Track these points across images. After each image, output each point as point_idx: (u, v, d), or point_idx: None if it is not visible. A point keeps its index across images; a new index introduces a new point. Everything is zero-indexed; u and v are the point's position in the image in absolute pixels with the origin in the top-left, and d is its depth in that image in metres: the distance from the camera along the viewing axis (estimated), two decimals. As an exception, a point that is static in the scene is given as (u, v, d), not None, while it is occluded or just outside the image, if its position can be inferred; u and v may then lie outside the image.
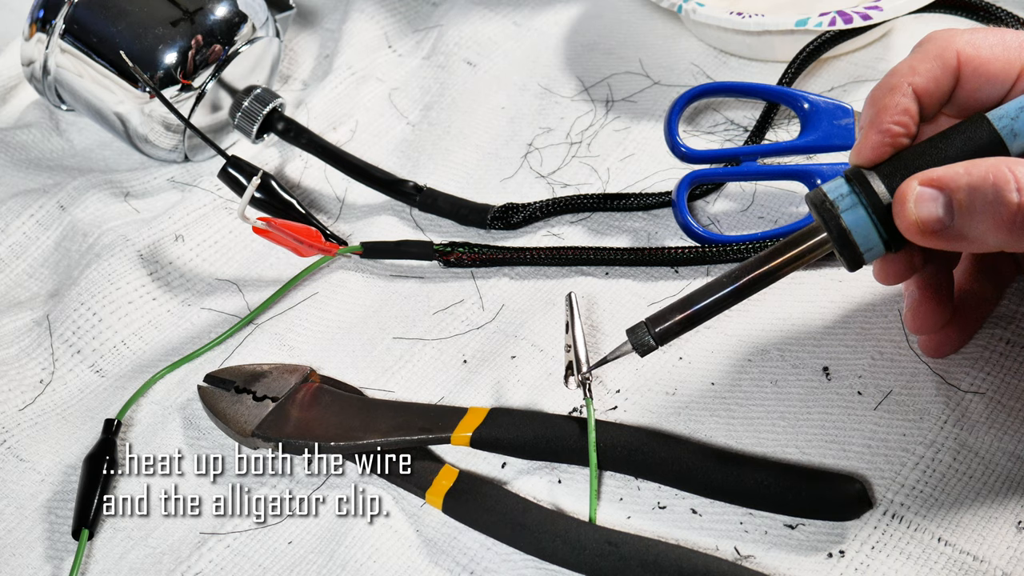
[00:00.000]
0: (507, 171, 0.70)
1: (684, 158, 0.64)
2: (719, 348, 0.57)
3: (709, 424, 0.55)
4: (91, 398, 0.62)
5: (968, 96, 0.49)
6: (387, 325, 0.63)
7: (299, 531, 0.54)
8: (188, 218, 0.69)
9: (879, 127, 0.47)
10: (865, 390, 0.54)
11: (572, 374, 0.54)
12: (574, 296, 0.55)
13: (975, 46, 0.48)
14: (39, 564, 0.55)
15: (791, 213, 0.64)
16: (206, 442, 0.59)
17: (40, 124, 0.77)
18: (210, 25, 0.69)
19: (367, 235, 0.67)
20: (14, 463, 0.60)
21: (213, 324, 0.65)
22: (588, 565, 0.50)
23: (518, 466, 0.55)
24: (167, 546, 0.55)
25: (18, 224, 0.70)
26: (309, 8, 0.84)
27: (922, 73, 0.48)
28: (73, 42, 0.69)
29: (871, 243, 0.47)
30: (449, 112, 0.74)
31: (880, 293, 0.58)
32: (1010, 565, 0.48)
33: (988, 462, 0.51)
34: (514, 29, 0.78)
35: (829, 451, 0.52)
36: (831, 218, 0.47)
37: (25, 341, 0.65)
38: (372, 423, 0.56)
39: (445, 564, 0.52)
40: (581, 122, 0.71)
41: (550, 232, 0.66)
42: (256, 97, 0.71)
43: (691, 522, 0.52)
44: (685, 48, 0.74)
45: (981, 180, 0.44)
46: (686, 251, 0.62)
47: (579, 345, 0.54)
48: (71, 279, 0.67)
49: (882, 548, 0.49)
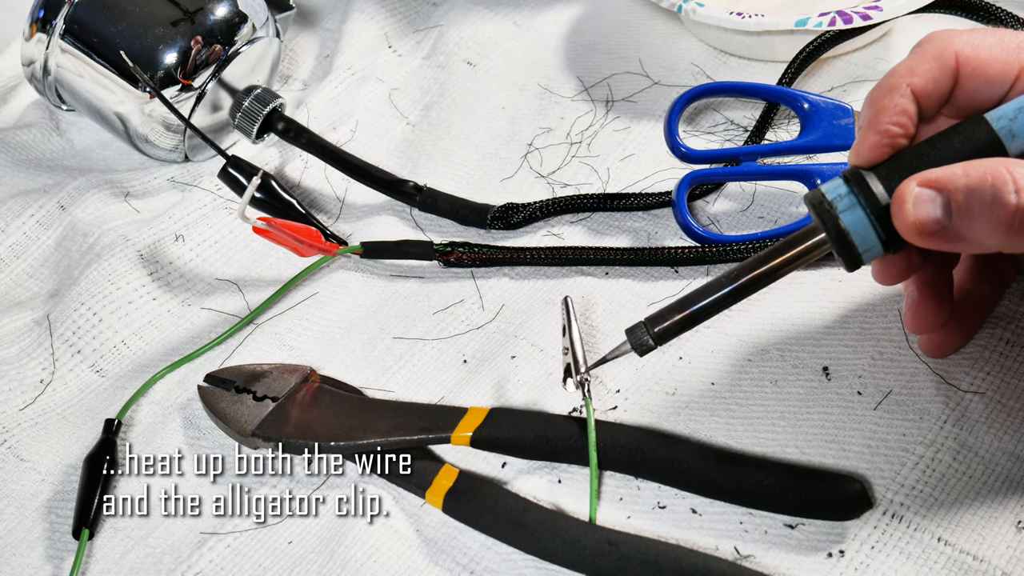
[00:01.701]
0: (507, 171, 0.70)
1: (684, 158, 0.64)
2: (719, 348, 0.57)
3: (709, 424, 0.55)
4: (91, 398, 0.62)
5: (967, 97, 0.49)
6: (387, 325, 0.63)
7: (299, 531, 0.54)
8: (188, 218, 0.69)
9: (877, 128, 0.47)
10: (865, 390, 0.54)
11: (570, 375, 0.54)
12: (570, 300, 0.55)
13: (974, 47, 0.48)
14: (39, 564, 0.55)
15: (791, 213, 0.64)
16: (206, 442, 0.59)
17: (40, 124, 0.77)
18: (210, 25, 0.69)
19: (367, 235, 0.67)
20: (14, 463, 0.60)
21: (213, 324, 0.65)
22: (588, 565, 0.50)
23: (518, 466, 0.55)
24: (167, 546, 0.55)
25: (18, 224, 0.70)
26: (309, 8, 0.84)
27: (921, 74, 0.48)
28: (73, 42, 0.69)
29: (869, 244, 0.47)
30: (449, 112, 0.74)
31: (880, 293, 0.58)
32: (1010, 565, 0.48)
33: (988, 462, 0.51)
34: (514, 29, 0.78)
35: (829, 451, 0.52)
36: (829, 219, 0.47)
37: (25, 341, 0.65)
38: (372, 423, 0.56)
39: (445, 564, 0.52)
40: (581, 122, 0.71)
41: (550, 232, 0.66)
42: (256, 97, 0.71)
43: (691, 522, 0.52)
44: (685, 48, 0.74)
45: (979, 181, 0.44)
46: (686, 251, 0.61)
47: (576, 347, 0.54)
48: (71, 279, 0.67)
49: (882, 548, 0.49)
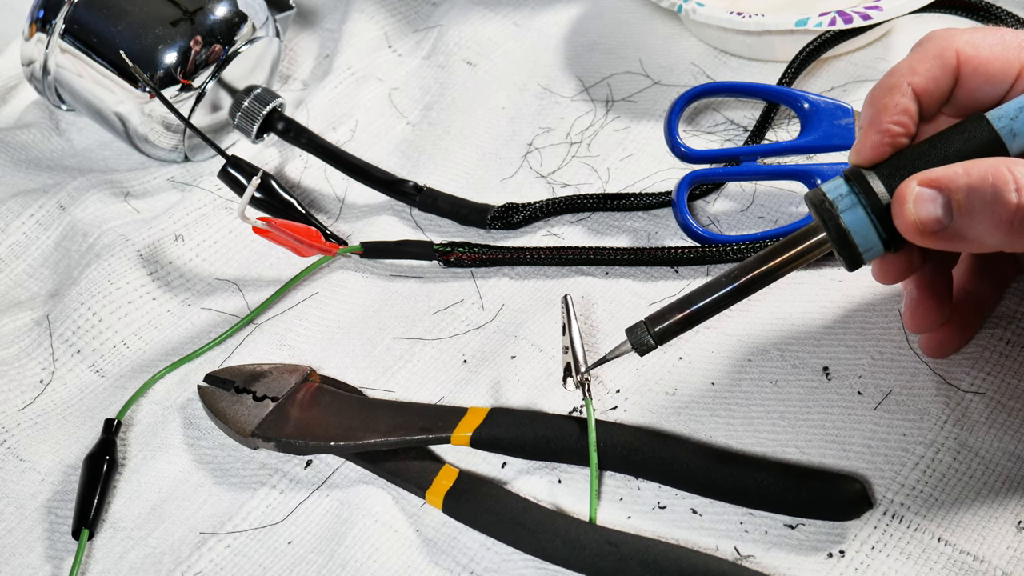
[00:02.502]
0: (507, 171, 0.70)
1: (684, 158, 0.64)
2: (719, 348, 0.57)
3: (709, 424, 0.55)
4: (91, 398, 0.62)
5: (967, 96, 0.48)
6: (387, 325, 0.63)
7: (299, 531, 0.54)
8: (188, 218, 0.69)
9: (879, 127, 0.47)
10: (865, 390, 0.54)
11: (570, 375, 0.54)
12: (570, 299, 0.55)
13: (975, 46, 0.48)
14: (39, 564, 0.55)
15: (791, 213, 0.64)
16: (206, 442, 0.59)
17: (40, 124, 0.77)
18: (210, 25, 0.69)
19: (367, 235, 0.67)
20: (14, 463, 0.60)
21: (213, 324, 0.65)
22: (588, 565, 0.50)
23: (518, 466, 0.55)
24: (167, 546, 0.55)
25: (18, 224, 0.70)
26: (309, 8, 0.84)
27: (921, 73, 0.48)
28: (73, 42, 0.69)
29: (870, 243, 0.47)
30: (449, 112, 0.74)
31: (880, 293, 0.58)
32: (1010, 565, 0.48)
33: (988, 462, 0.51)
34: (514, 29, 0.78)
35: (829, 451, 0.52)
36: (830, 218, 0.47)
37: (25, 341, 0.65)
38: (372, 423, 0.56)
39: (445, 564, 0.52)
40: (581, 122, 0.71)
41: (550, 232, 0.66)
42: (256, 97, 0.71)
43: (691, 522, 0.52)
44: (685, 48, 0.74)
45: (980, 180, 0.44)
46: (686, 251, 0.61)
47: (576, 347, 0.54)
48: (71, 279, 0.67)
49: (882, 548, 0.49)
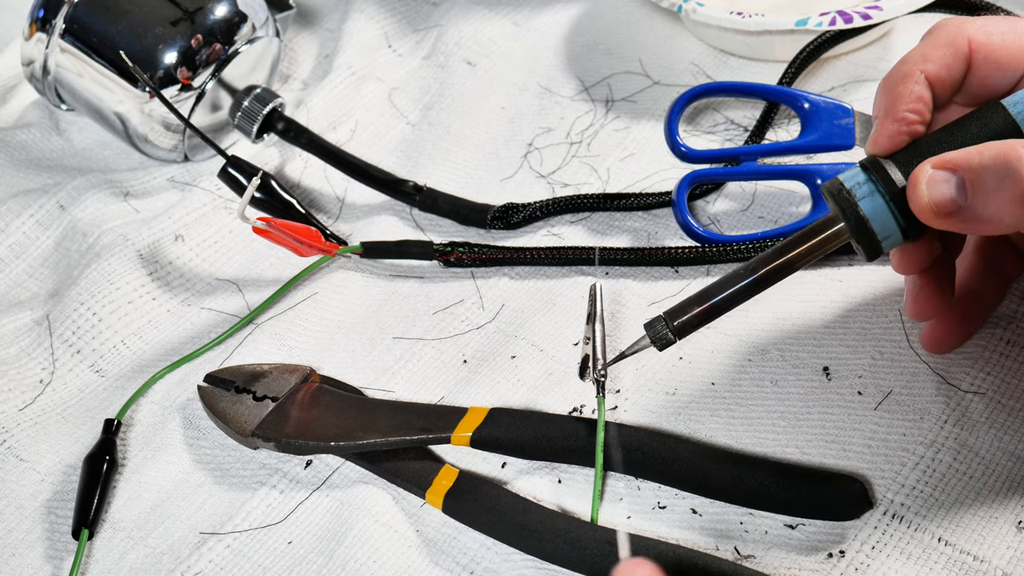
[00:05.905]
0: (507, 171, 0.70)
1: (684, 158, 0.64)
2: (719, 348, 0.57)
3: (709, 424, 0.55)
4: (91, 398, 0.62)
5: (979, 83, 0.48)
6: (387, 325, 0.63)
7: (299, 531, 0.54)
8: (188, 218, 0.69)
9: (895, 116, 0.47)
10: (865, 390, 0.54)
11: (588, 368, 0.53)
12: (599, 287, 0.54)
13: (987, 33, 0.48)
14: (39, 564, 0.55)
15: (791, 213, 0.64)
16: (206, 442, 0.59)
17: (40, 124, 0.77)
18: (210, 25, 0.69)
19: (367, 235, 0.67)
20: (14, 463, 0.60)
21: (213, 324, 0.65)
22: (588, 565, 0.50)
23: (518, 466, 0.55)
24: (167, 546, 0.55)
25: (18, 224, 0.70)
26: (309, 8, 0.84)
27: (934, 60, 0.48)
28: (73, 42, 0.69)
29: (889, 231, 0.47)
30: (449, 112, 0.74)
31: (880, 293, 0.58)
32: (1010, 565, 0.48)
33: (988, 462, 0.51)
34: (514, 29, 0.78)
35: (829, 451, 0.52)
36: (848, 206, 0.47)
37: (25, 341, 0.65)
38: (372, 423, 0.56)
39: (445, 564, 0.52)
40: (581, 122, 0.71)
41: (550, 232, 0.66)
42: (256, 97, 0.71)
43: (691, 522, 0.52)
44: (685, 48, 0.74)
45: (992, 159, 0.44)
46: (686, 251, 0.61)
47: (598, 338, 0.54)
48: (71, 279, 0.67)
49: (882, 548, 0.49)
